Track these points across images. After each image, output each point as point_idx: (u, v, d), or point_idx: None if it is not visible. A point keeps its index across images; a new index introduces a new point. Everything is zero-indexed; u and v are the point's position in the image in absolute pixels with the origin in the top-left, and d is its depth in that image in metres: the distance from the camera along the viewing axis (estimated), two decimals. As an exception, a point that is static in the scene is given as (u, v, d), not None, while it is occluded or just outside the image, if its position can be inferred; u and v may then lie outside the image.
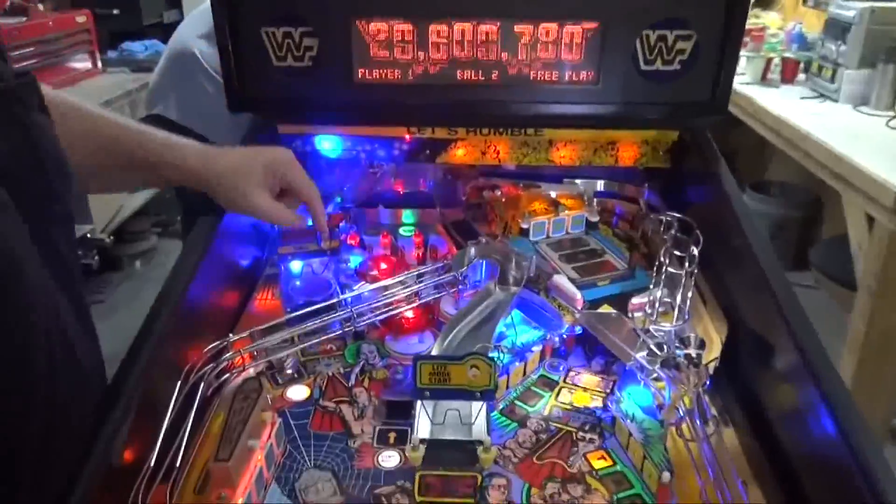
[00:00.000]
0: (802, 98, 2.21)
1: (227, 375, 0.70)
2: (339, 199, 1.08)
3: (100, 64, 2.49)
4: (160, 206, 2.69)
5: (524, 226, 0.99)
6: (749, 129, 2.28)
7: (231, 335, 0.72)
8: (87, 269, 2.16)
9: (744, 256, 0.74)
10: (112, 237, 2.30)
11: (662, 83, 0.95)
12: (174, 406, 0.60)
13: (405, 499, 0.60)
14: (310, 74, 0.95)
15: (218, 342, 0.70)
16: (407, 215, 1.08)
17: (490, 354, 0.69)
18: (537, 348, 0.78)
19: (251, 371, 0.74)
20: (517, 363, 0.76)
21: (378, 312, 0.79)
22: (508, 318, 0.81)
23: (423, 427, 0.65)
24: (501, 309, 0.80)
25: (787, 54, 2.44)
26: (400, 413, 0.69)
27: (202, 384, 0.64)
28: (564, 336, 0.80)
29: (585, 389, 0.75)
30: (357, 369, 0.77)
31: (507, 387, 0.75)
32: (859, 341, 1.61)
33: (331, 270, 0.92)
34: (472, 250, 0.86)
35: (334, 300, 0.78)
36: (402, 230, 1.06)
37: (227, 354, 0.70)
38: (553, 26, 0.92)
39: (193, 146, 0.71)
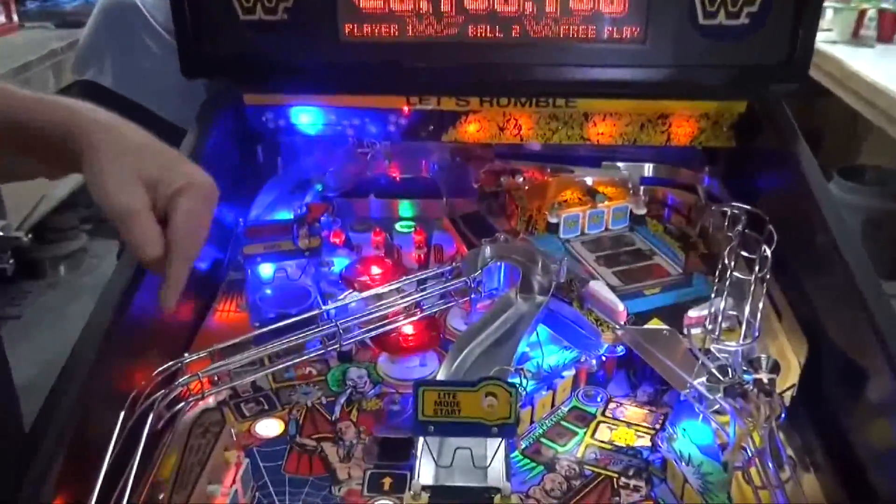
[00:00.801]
0: (905, 60, 2.20)
1: (182, 405, 0.71)
2: (319, 187, 1.10)
3: (15, 17, 2.49)
4: (90, 198, 2.70)
5: (552, 220, 1.00)
6: (837, 101, 2.28)
7: (186, 355, 0.73)
8: (-2, 276, 2.17)
9: (829, 259, 0.75)
10: (31, 236, 2.31)
11: (726, 41, 0.96)
12: (116, 443, 0.61)
13: (404, 560, 0.61)
14: (284, 30, 0.96)
15: (169, 364, 0.71)
16: (405, 207, 1.10)
17: (510, 380, 0.69)
18: (569, 373, 0.79)
19: (211, 400, 0.75)
20: (544, 391, 0.77)
21: (369, 328, 0.80)
22: (533, 336, 0.82)
23: (425, 471, 0.66)
24: (524, 324, 0.81)
25: (884, 5, 2.43)
26: (397, 453, 0.70)
27: (151, 416, 0.66)
28: (603, 358, 0.81)
29: (629, 425, 0.76)
30: (343, 399, 0.78)
31: (532, 421, 0.76)
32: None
33: (309, 275, 0.93)
34: (488, 250, 0.87)
35: (314, 312, 0.80)
36: (398, 226, 1.07)
37: (181, 379, 0.71)
38: (589, -30, 0.94)
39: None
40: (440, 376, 0.75)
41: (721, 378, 0.70)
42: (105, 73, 1.53)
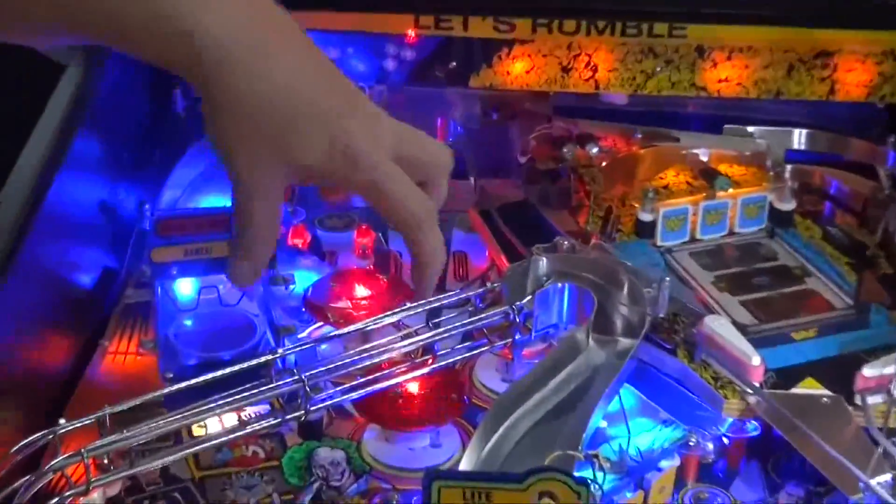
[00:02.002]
0: None
1: (55, 502, 0.71)
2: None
3: None
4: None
5: (645, 217, 1.00)
6: None
7: (61, 423, 0.73)
8: None
9: None
10: None
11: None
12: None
13: None
14: None
15: (35, 437, 0.70)
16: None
17: (578, 472, 0.69)
18: (671, 463, 0.79)
19: (96, 496, 0.75)
20: (630, 492, 0.76)
21: (350, 385, 0.79)
22: (614, 403, 0.82)
23: None
24: (600, 383, 0.81)
25: None
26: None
27: (4, 519, 0.66)
28: (725, 440, 0.81)
29: (767, 549, 0.76)
30: (307, 497, 0.78)
31: (612, 539, 0.76)
32: None
33: (255, 298, 0.93)
34: (542, 265, 0.87)
35: (263, 359, 0.79)
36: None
37: (55, 462, 0.70)
38: None
39: None
40: (465, 464, 0.74)
41: (916, 476, 0.69)
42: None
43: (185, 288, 0.94)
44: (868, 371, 0.80)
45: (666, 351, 0.85)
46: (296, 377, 0.76)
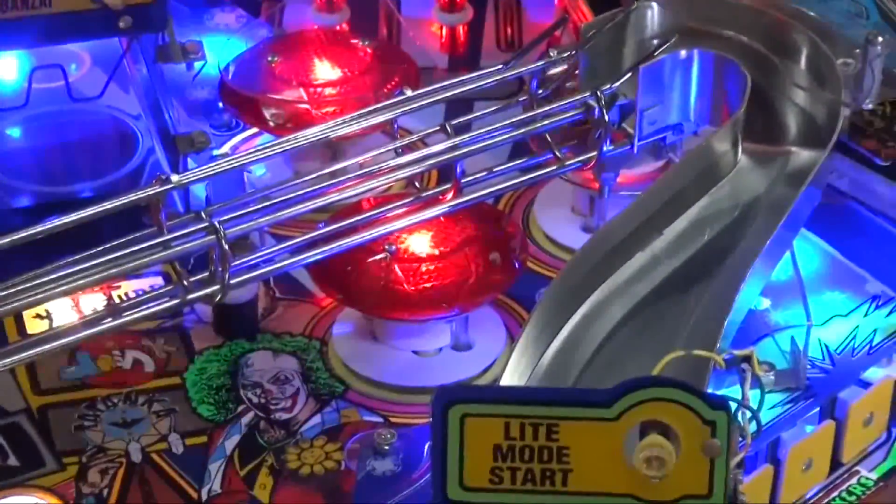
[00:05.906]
0: None
1: None
2: None
3: None
4: None
5: None
6: None
7: None
8: None
9: None
10: None
11: None
12: None
13: None
14: None
15: None
16: None
17: (717, 390, 0.69)
18: (883, 372, 0.80)
19: None
20: (813, 424, 0.78)
21: (305, 237, 0.80)
22: (783, 265, 0.83)
23: None
24: (758, 231, 0.81)
25: None
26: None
27: None
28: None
29: None
30: (230, 441, 0.79)
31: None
32: None
33: (135, 87, 0.95)
34: (652, 16, 0.88)
35: (146, 192, 0.78)
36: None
37: None
38: None
39: None
40: (511, 376, 0.74)
41: None
42: None
43: (7, 70, 0.94)
44: None
45: (878, 172, 0.86)
46: (205, 224, 0.76)
